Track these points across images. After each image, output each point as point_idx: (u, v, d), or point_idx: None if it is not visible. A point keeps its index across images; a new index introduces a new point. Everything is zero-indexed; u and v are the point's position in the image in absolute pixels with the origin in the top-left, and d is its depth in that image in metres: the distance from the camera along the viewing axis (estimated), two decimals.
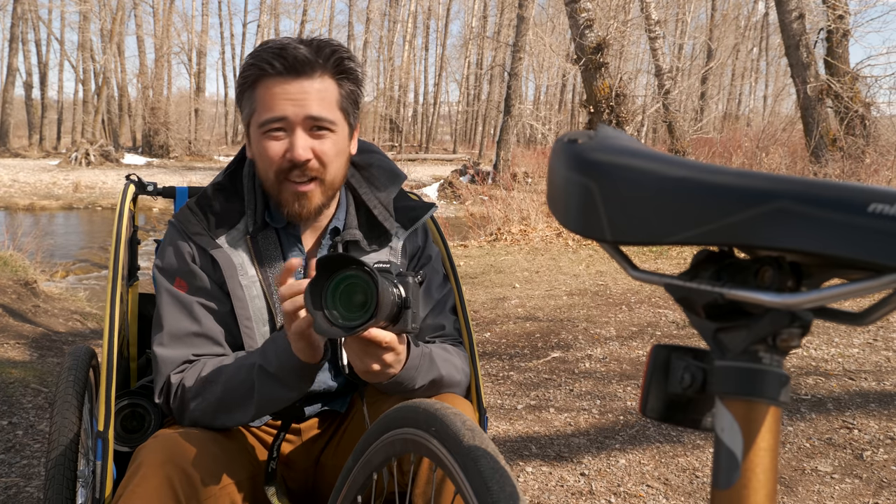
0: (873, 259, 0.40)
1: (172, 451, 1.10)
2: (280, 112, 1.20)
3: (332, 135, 1.24)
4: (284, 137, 1.22)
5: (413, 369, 1.18)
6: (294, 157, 1.21)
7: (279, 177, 1.24)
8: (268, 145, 1.22)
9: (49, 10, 32.72)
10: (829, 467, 2.48)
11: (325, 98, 1.22)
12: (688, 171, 0.49)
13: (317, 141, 1.23)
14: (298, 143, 1.21)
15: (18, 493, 2.33)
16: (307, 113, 1.21)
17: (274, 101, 1.20)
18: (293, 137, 1.21)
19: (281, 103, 1.20)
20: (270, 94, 1.21)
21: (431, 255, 1.41)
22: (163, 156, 28.57)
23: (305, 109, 1.20)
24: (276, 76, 1.20)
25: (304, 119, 1.21)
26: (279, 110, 1.20)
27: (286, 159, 1.22)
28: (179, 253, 1.28)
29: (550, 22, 32.40)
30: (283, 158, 1.22)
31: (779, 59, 30.67)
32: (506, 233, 8.41)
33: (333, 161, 1.25)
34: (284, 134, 1.22)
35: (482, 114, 36.60)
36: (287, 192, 1.25)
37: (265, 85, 1.21)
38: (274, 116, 1.20)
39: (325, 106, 1.22)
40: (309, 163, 1.22)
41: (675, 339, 4.06)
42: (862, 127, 9.55)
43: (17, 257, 6.32)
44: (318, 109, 1.21)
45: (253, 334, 1.28)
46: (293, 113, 1.20)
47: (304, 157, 1.21)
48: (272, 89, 1.20)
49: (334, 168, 1.26)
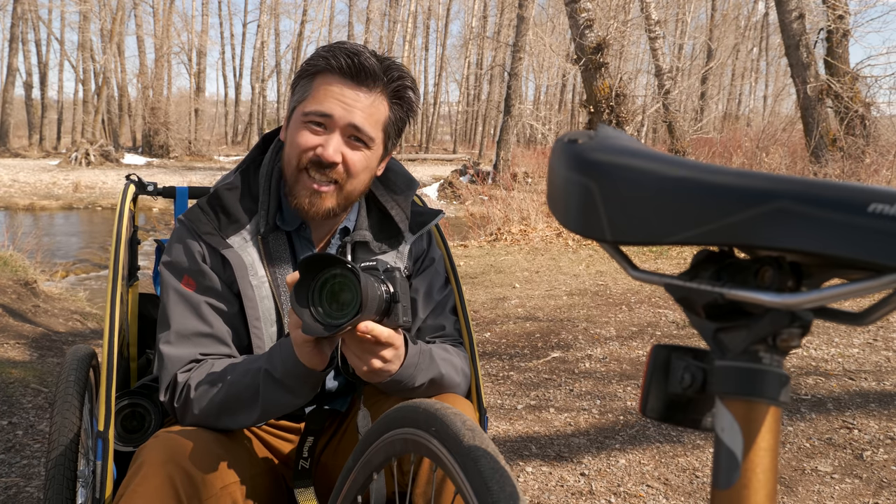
0: (873, 259, 0.40)
1: (174, 451, 1.10)
2: (328, 109, 1.22)
3: (366, 150, 1.26)
4: (322, 133, 1.24)
5: (412, 367, 1.18)
6: (324, 156, 1.22)
7: (300, 167, 1.25)
8: (303, 134, 1.24)
9: (49, 10, 32.76)
10: (829, 467, 2.48)
11: (373, 114, 1.24)
12: (688, 171, 0.49)
13: (350, 150, 1.24)
14: (332, 143, 1.23)
15: (18, 493, 2.33)
16: (352, 120, 1.22)
17: (326, 97, 1.22)
18: (330, 137, 1.23)
19: (332, 102, 1.22)
20: (326, 90, 1.23)
21: (434, 257, 1.43)
22: (163, 156, 28.57)
23: (351, 116, 1.22)
24: (339, 76, 1.22)
25: (346, 125, 1.23)
26: (328, 107, 1.22)
27: (315, 153, 1.23)
28: (189, 252, 1.28)
29: (550, 22, 32.40)
30: (313, 152, 1.23)
31: (779, 59, 30.68)
32: (506, 233, 8.42)
33: (359, 174, 1.27)
34: (324, 130, 1.24)
35: (482, 114, 36.60)
36: (303, 185, 1.26)
37: (325, 79, 1.23)
38: (321, 111, 1.22)
39: (371, 122, 1.24)
40: (336, 166, 1.24)
41: (675, 339, 4.06)
42: (862, 127, 9.55)
43: (17, 257, 6.32)
44: (363, 122, 1.23)
45: (261, 335, 1.28)
46: (340, 115, 1.22)
47: (332, 158, 1.23)
48: (330, 86, 1.23)
49: (357, 181, 1.28)
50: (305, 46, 37.11)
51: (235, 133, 41.19)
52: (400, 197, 1.38)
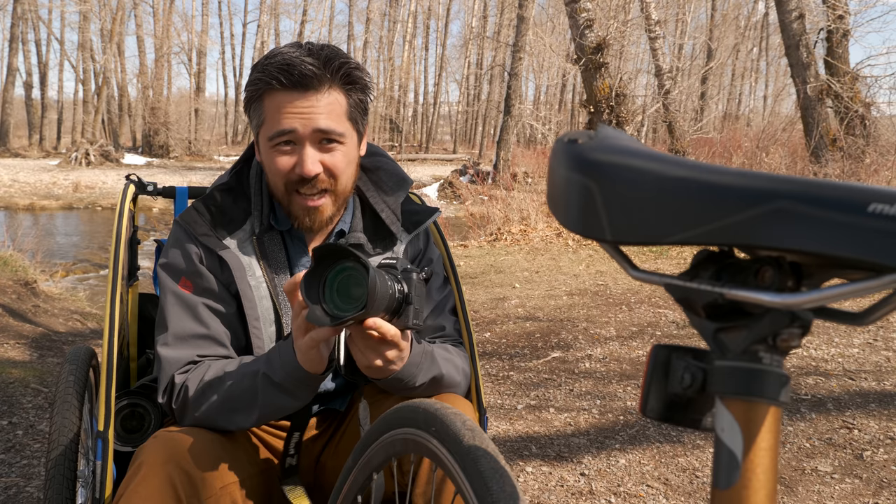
0: (873, 259, 0.40)
1: (173, 451, 1.10)
2: (288, 125, 1.19)
3: (341, 147, 1.24)
4: (293, 151, 1.22)
5: (414, 366, 1.18)
6: (303, 172, 1.21)
7: (289, 189, 1.24)
8: (277, 159, 1.22)
9: (49, 10, 32.75)
10: (829, 467, 2.48)
11: (333, 111, 1.22)
12: (688, 171, 0.49)
13: (327, 154, 1.23)
14: (307, 157, 1.21)
15: (18, 493, 2.33)
16: (315, 126, 1.20)
17: (282, 115, 1.19)
18: (302, 151, 1.21)
19: (289, 117, 1.19)
20: (278, 108, 1.20)
21: (433, 257, 1.42)
22: (163, 156, 28.56)
23: (314, 123, 1.20)
24: (283, 90, 1.19)
25: (312, 132, 1.20)
26: (287, 124, 1.19)
27: (295, 173, 1.22)
28: (186, 253, 1.27)
29: (550, 22, 32.39)
30: (293, 172, 1.22)
31: (779, 59, 30.67)
32: (506, 233, 8.42)
33: (344, 172, 1.26)
34: (293, 147, 1.22)
35: (482, 114, 36.60)
36: (297, 205, 1.25)
37: (273, 98, 1.20)
38: (282, 129, 1.20)
39: (334, 118, 1.22)
40: (318, 176, 1.22)
41: (675, 339, 4.06)
42: (862, 127, 9.54)
43: (17, 257, 6.32)
44: (327, 122, 1.21)
45: (261, 335, 1.28)
46: (301, 126, 1.20)
47: (313, 171, 1.21)
48: (280, 103, 1.20)
49: (345, 178, 1.27)
50: None
51: (235, 133, 41.18)
52: (390, 198, 1.37)
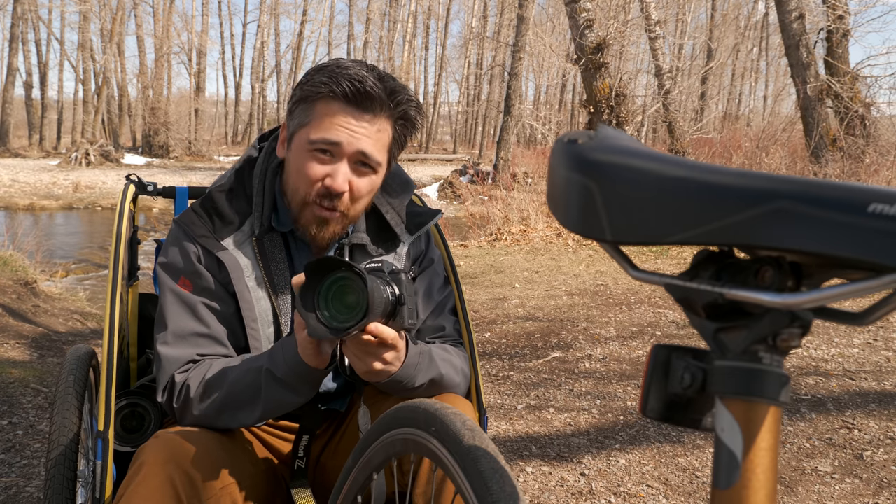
0: (873, 259, 0.40)
1: (174, 451, 1.10)
2: (335, 138, 1.20)
3: (373, 175, 1.25)
4: (329, 162, 1.22)
5: (412, 367, 1.18)
6: (333, 186, 1.21)
7: (307, 198, 1.24)
8: (310, 165, 1.22)
9: (49, 10, 32.74)
10: (829, 467, 2.48)
11: (380, 139, 1.23)
12: (688, 171, 0.49)
13: (356, 177, 1.23)
14: (341, 173, 1.21)
15: (18, 493, 2.33)
16: (360, 148, 1.21)
17: (332, 126, 1.20)
18: (338, 166, 1.21)
19: (338, 130, 1.20)
20: (331, 117, 1.20)
21: (434, 258, 1.42)
22: (163, 156, 28.56)
23: (359, 144, 1.20)
24: (343, 102, 1.19)
25: (354, 152, 1.21)
26: (335, 136, 1.20)
27: (324, 184, 1.22)
28: (185, 253, 1.28)
29: (550, 22, 32.39)
30: (321, 183, 1.22)
31: (779, 59, 30.67)
32: (506, 233, 8.42)
33: (365, 198, 1.27)
34: (330, 158, 1.22)
35: (482, 114, 36.59)
36: (310, 212, 1.25)
37: (329, 106, 1.20)
38: (328, 139, 1.20)
39: (378, 147, 1.23)
40: (343, 195, 1.23)
41: (675, 339, 4.06)
42: (862, 127, 9.54)
43: (17, 257, 6.31)
44: (371, 148, 1.22)
45: (258, 336, 1.28)
46: (347, 143, 1.20)
47: (342, 188, 1.21)
48: (334, 113, 1.20)
49: (361, 205, 1.27)
50: (305, 46, 37.16)
51: (235, 133, 41.17)
52: (395, 200, 1.38)
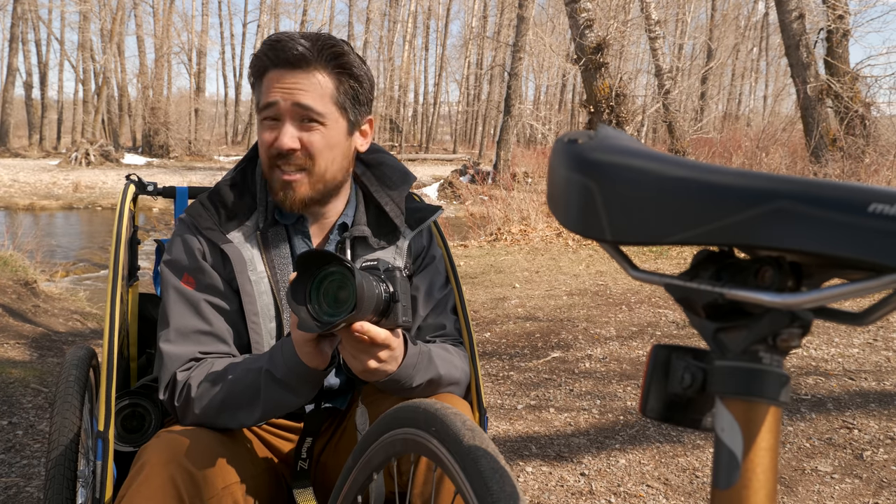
0: (873, 259, 0.40)
1: (176, 451, 1.10)
2: (271, 98, 1.25)
3: (322, 128, 1.26)
4: (276, 127, 1.26)
5: (410, 367, 1.18)
6: (279, 145, 1.25)
7: (271, 163, 1.28)
8: (263, 133, 1.28)
9: (49, 10, 32.74)
10: (829, 467, 2.48)
11: (316, 91, 1.25)
12: (688, 171, 0.49)
13: (306, 133, 1.26)
14: (285, 131, 1.25)
15: (18, 493, 2.33)
16: (295, 100, 1.24)
17: (269, 89, 1.26)
18: (283, 126, 1.25)
19: (273, 91, 1.25)
20: (268, 84, 1.26)
21: (435, 255, 1.43)
22: (163, 156, 28.56)
23: (294, 97, 1.24)
24: (274, 67, 1.25)
25: (292, 107, 1.24)
26: (271, 96, 1.25)
27: (275, 147, 1.26)
28: (189, 249, 1.28)
29: (550, 22, 32.39)
30: (273, 146, 1.26)
31: (779, 59, 30.67)
32: (506, 233, 8.42)
33: (323, 153, 1.27)
34: (277, 123, 1.26)
35: (482, 114, 36.59)
36: (276, 179, 1.28)
37: (267, 76, 1.27)
38: (266, 102, 1.25)
39: (317, 98, 1.25)
40: (295, 153, 1.26)
41: (675, 339, 4.06)
42: (862, 127, 9.54)
43: (17, 257, 6.31)
44: (308, 100, 1.24)
45: (260, 330, 1.28)
46: (283, 101, 1.24)
47: (288, 145, 1.24)
48: (270, 79, 1.26)
49: (324, 161, 1.28)
50: None
51: (235, 133, 41.17)
52: (394, 192, 1.38)
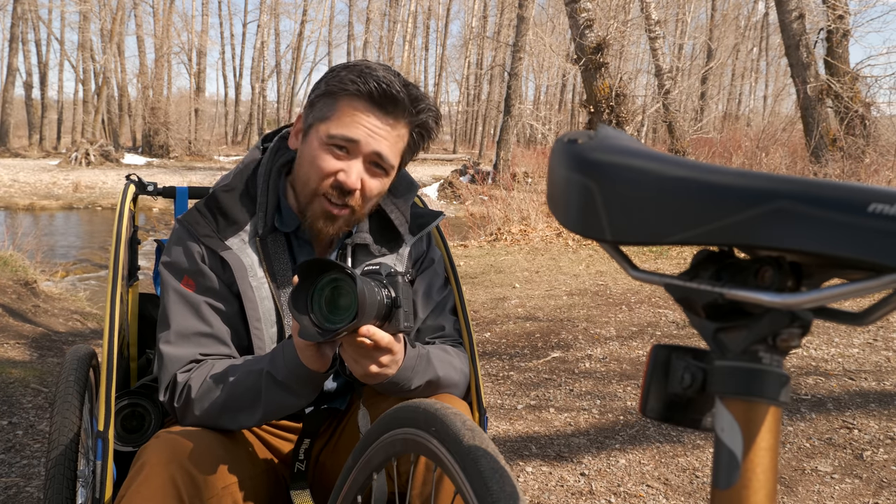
0: (873, 259, 0.40)
1: (176, 451, 1.10)
2: (355, 135, 1.21)
3: (384, 177, 1.27)
4: (344, 158, 1.23)
5: (409, 370, 1.19)
6: (346, 183, 1.22)
7: (318, 190, 1.25)
8: (325, 157, 1.23)
9: (49, 10, 32.73)
10: (829, 467, 2.48)
11: (396, 144, 1.25)
12: (688, 171, 0.49)
13: (369, 176, 1.25)
14: (355, 170, 1.23)
15: (18, 493, 2.33)
16: (377, 149, 1.22)
17: (353, 123, 1.21)
18: (352, 162, 1.23)
19: (359, 128, 1.21)
20: (353, 115, 1.21)
21: (434, 258, 1.43)
22: (163, 156, 28.55)
23: (377, 145, 1.22)
24: (368, 102, 1.21)
25: (371, 152, 1.23)
26: (354, 133, 1.21)
27: (336, 179, 1.23)
28: (189, 252, 1.28)
29: (550, 22, 32.39)
30: (334, 177, 1.23)
31: (779, 59, 30.66)
32: (506, 233, 8.41)
33: (374, 199, 1.28)
34: (346, 155, 1.23)
35: (482, 114, 36.59)
36: (318, 205, 1.26)
37: (352, 103, 1.22)
38: (347, 136, 1.21)
39: (394, 151, 1.25)
40: (354, 193, 1.24)
41: (675, 339, 4.06)
42: (862, 127, 9.54)
43: (17, 257, 6.32)
44: (387, 151, 1.23)
45: (262, 335, 1.28)
46: (365, 142, 1.22)
47: (354, 185, 1.23)
48: (357, 111, 1.21)
49: (370, 205, 1.29)
50: (305, 46, 37.15)
51: (235, 133, 41.16)
52: (400, 200, 1.38)
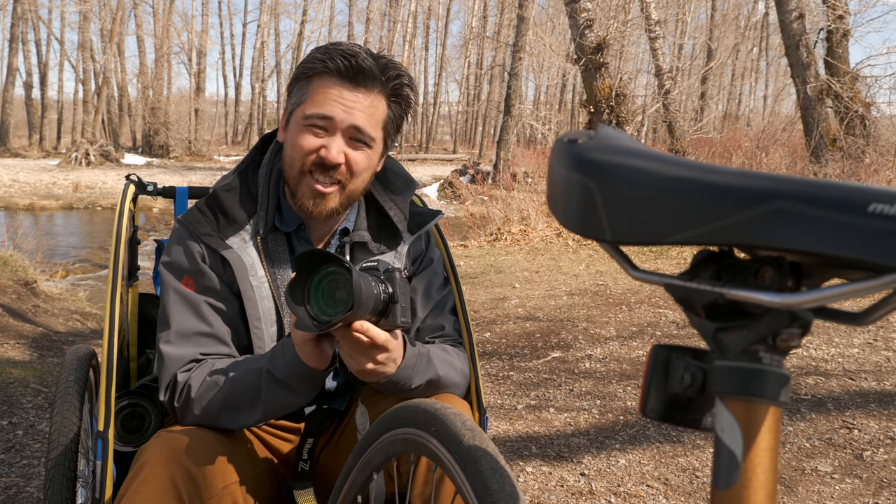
0: (873, 259, 0.40)
1: (176, 451, 1.10)
2: (329, 111, 1.23)
3: (367, 150, 1.27)
4: (324, 136, 1.25)
5: (409, 369, 1.19)
6: (328, 157, 1.23)
7: (304, 169, 1.26)
8: (305, 137, 1.25)
9: (49, 10, 32.73)
10: (829, 467, 2.48)
11: (373, 114, 1.25)
12: (688, 171, 0.49)
13: (352, 150, 1.26)
14: (335, 145, 1.24)
15: (18, 493, 2.33)
16: (353, 122, 1.23)
17: (326, 100, 1.23)
18: (332, 139, 1.24)
19: (332, 104, 1.23)
20: (325, 92, 1.23)
21: (433, 258, 1.43)
22: (163, 156, 28.56)
23: (353, 118, 1.23)
24: (337, 77, 1.23)
25: (348, 126, 1.24)
26: (328, 110, 1.23)
27: (318, 155, 1.24)
28: (189, 252, 1.28)
29: (550, 22, 32.39)
30: (316, 154, 1.24)
31: (779, 59, 30.67)
32: (506, 233, 8.42)
33: (361, 173, 1.28)
34: (325, 133, 1.25)
35: (482, 114, 36.59)
36: (307, 187, 1.27)
37: (323, 82, 1.24)
38: (322, 113, 1.23)
39: (372, 122, 1.25)
40: (339, 167, 1.25)
41: (675, 339, 4.06)
42: (862, 127, 9.54)
43: (17, 257, 6.31)
44: (364, 122, 1.24)
45: (262, 335, 1.28)
46: (341, 117, 1.23)
47: (336, 160, 1.24)
48: (329, 88, 1.23)
49: (359, 180, 1.29)
50: (305, 46, 37.08)
51: (235, 133, 41.17)
52: (398, 198, 1.39)
